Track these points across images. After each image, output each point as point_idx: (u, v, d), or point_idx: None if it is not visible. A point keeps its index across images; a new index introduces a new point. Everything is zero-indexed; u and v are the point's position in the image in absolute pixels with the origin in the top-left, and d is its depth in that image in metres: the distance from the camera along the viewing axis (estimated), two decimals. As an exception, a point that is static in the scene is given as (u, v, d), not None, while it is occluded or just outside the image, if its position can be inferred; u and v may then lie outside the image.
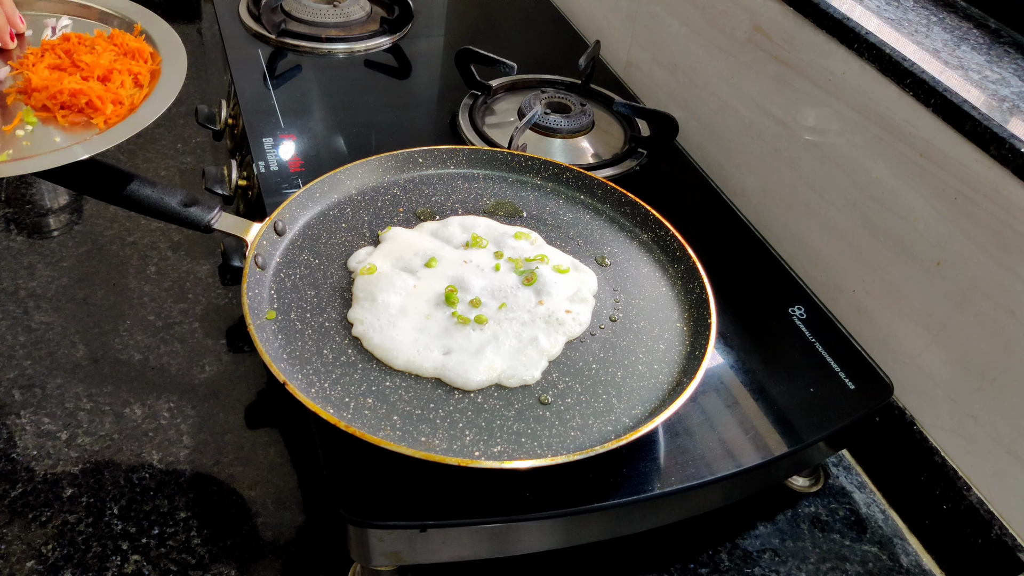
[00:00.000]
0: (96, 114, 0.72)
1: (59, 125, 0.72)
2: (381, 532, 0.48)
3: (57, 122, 0.72)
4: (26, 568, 0.53)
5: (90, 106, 0.72)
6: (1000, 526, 0.60)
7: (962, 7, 0.76)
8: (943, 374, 0.65)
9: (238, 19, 1.01)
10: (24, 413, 0.61)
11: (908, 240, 0.67)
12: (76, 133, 0.70)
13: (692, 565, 0.60)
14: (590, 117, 0.89)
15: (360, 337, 0.57)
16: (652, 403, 0.56)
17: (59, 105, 0.73)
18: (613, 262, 0.68)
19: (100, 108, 0.72)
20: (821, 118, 0.76)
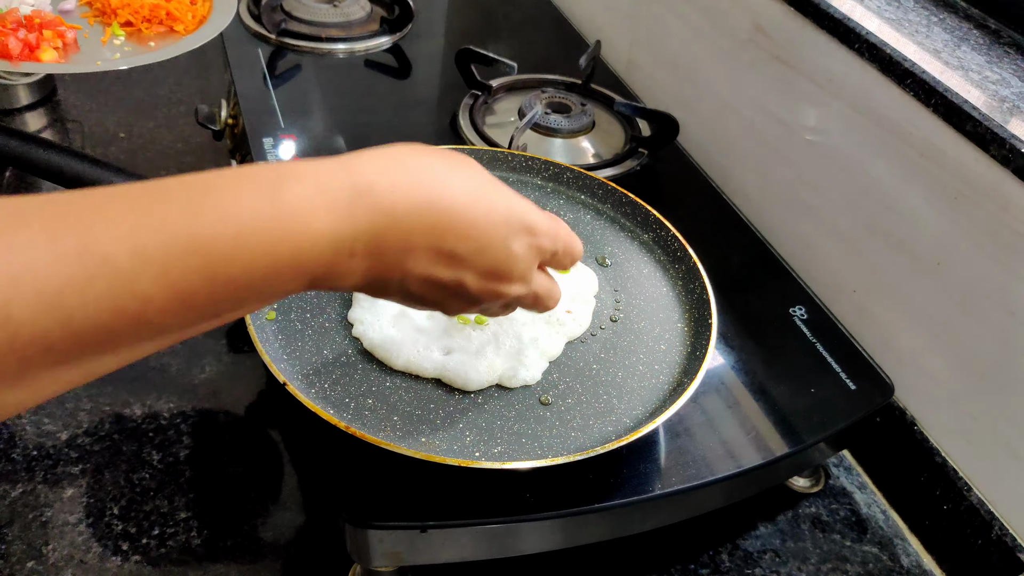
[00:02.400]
0: (177, 23, 0.92)
1: (144, 36, 0.91)
2: (381, 532, 0.48)
3: (142, 33, 0.92)
4: (26, 568, 0.53)
5: (170, 16, 0.92)
6: (1001, 526, 0.60)
7: (962, 8, 0.76)
8: (943, 374, 0.65)
9: (238, 19, 1.01)
10: (24, 413, 0.61)
11: (908, 240, 0.67)
12: (163, 39, 0.91)
13: (693, 566, 0.60)
14: (590, 117, 0.89)
15: (360, 337, 0.57)
16: (653, 403, 0.56)
17: (142, 19, 0.92)
18: (613, 262, 0.68)
19: (180, 17, 0.92)
20: (822, 118, 0.76)
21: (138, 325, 0.29)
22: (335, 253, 0.34)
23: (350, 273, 0.36)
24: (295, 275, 0.33)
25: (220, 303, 0.32)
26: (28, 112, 0.92)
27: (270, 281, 0.33)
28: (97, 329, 0.28)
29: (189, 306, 0.30)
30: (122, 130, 0.92)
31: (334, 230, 0.34)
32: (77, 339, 0.28)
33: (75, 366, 0.29)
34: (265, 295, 0.34)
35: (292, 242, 0.32)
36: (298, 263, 0.33)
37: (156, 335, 0.31)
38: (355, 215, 0.34)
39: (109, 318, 0.28)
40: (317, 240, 0.33)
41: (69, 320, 0.27)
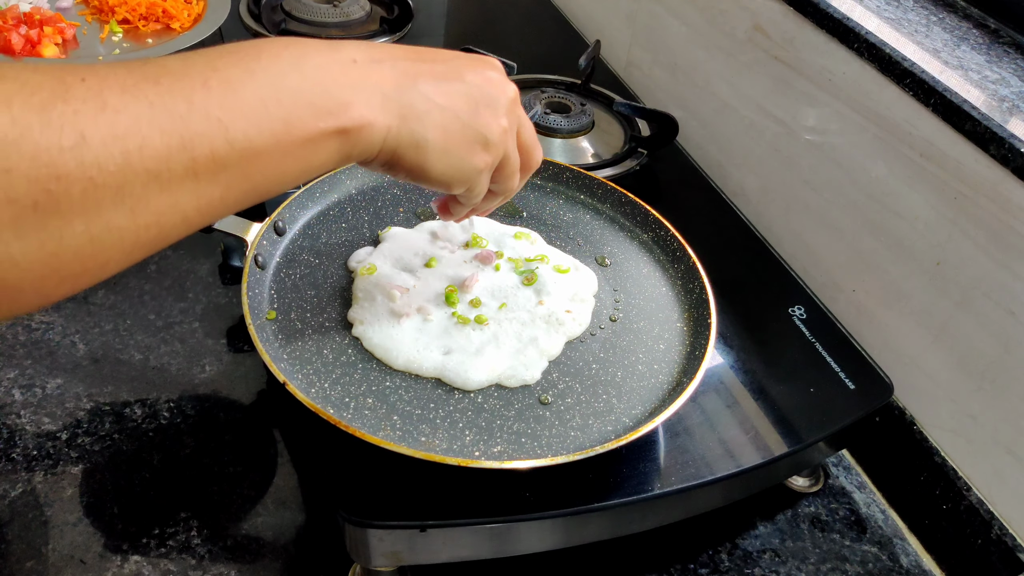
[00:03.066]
0: (173, 20, 0.94)
1: (142, 33, 0.93)
2: (381, 532, 0.48)
3: (139, 31, 0.93)
4: (26, 568, 0.53)
5: (166, 14, 0.94)
6: (1000, 526, 0.60)
7: (962, 7, 0.76)
8: (943, 374, 0.65)
9: (238, 19, 1.01)
10: (24, 413, 0.61)
11: (908, 240, 0.67)
12: (160, 36, 0.93)
13: (692, 565, 0.60)
14: (590, 117, 0.89)
15: (360, 337, 0.57)
16: (652, 403, 0.56)
17: (139, 16, 0.93)
18: (613, 262, 0.68)
19: (176, 15, 0.94)
20: (821, 118, 0.76)
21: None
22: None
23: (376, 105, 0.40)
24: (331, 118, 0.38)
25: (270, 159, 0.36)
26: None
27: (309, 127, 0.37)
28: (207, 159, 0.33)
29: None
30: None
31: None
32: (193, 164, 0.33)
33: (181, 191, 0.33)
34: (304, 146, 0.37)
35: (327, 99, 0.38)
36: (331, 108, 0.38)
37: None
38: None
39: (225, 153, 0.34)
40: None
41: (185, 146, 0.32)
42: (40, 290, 0.31)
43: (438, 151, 0.43)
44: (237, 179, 0.35)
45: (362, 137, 0.39)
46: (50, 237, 0.30)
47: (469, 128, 0.44)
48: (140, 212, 0.32)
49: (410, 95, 0.41)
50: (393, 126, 0.40)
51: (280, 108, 0.36)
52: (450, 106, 0.43)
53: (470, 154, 0.44)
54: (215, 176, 0.34)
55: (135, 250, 0.33)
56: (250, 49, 0.37)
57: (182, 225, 0.34)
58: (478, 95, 0.44)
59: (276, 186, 0.37)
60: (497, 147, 0.46)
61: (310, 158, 0.38)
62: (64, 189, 0.29)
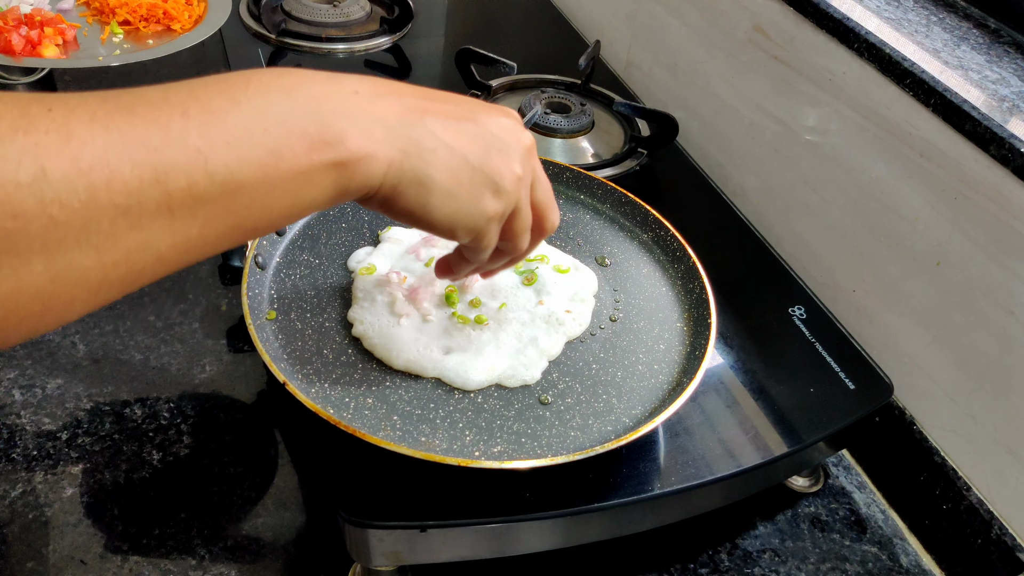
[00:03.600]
0: (174, 21, 0.94)
1: (142, 34, 0.94)
2: (381, 532, 0.48)
3: (140, 32, 0.94)
4: (26, 568, 0.53)
5: (167, 15, 0.94)
6: (1000, 526, 0.60)
7: (962, 7, 0.76)
8: (943, 374, 0.65)
9: (238, 19, 1.01)
10: (24, 413, 0.61)
11: (908, 240, 0.67)
12: (160, 37, 0.93)
13: (692, 565, 0.60)
14: (590, 117, 0.89)
15: (360, 337, 0.57)
16: (652, 403, 0.56)
17: (140, 17, 0.94)
18: (613, 262, 0.68)
19: (176, 16, 0.94)
20: (821, 118, 0.76)
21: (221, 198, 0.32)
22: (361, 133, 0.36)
23: (377, 144, 0.37)
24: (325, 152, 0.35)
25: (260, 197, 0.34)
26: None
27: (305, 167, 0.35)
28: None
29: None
30: (122, 130, 0.92)
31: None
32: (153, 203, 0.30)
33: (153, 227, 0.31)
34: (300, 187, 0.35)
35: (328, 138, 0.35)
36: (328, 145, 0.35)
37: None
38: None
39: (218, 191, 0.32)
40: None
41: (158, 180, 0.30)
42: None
43: (443, 192, 0.39)
44: (218, 215, 0.32)
45: (360, 170, 0.36)
46: (5, 277, 0.28)
47: (479, 171, 0.40)
48: (107, 250, 0.29)
49: (416, 130, 0.38)
50: (395, 160, 0.37)
51: (267, 138, 0.33)
52: (459, 146, 0.40)
53: (478, 199, 0.41)
54: (192, 212, 0.31)
55: (103, 289, 0.31)
56: (237, 78, 0.34)
57: (156, 264, 0.32)
58: (490, 139, 0.41)
59: (263, 223, 0.35)
60: (509, 195, 0.42)
61: (301, 193, 0.35)
62: (21, 227, 0.27)
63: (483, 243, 0.44)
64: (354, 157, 0.36)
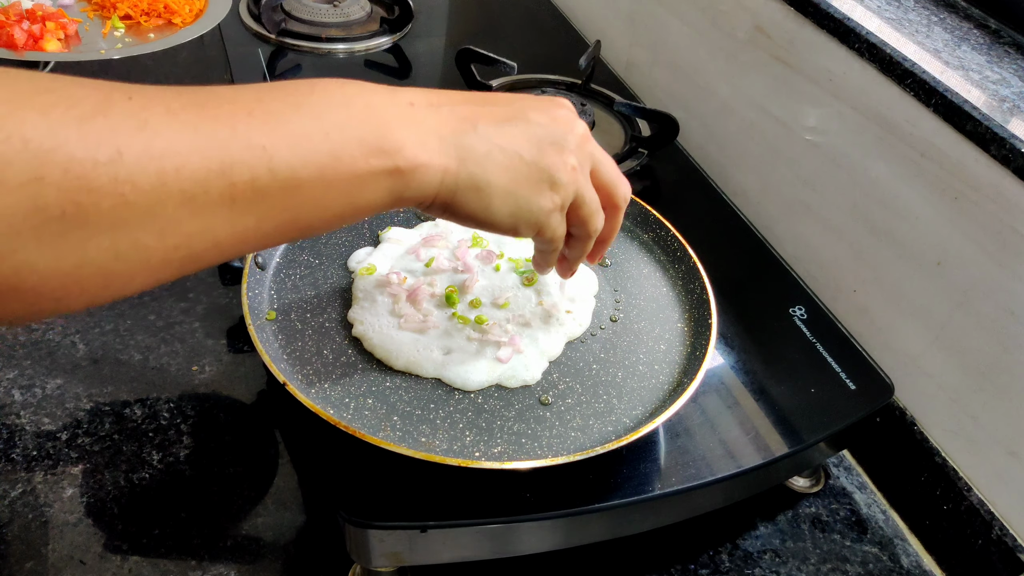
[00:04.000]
0: (174, 15, 0.94)
1: (143, 28, 0.94)
2: (381, 533, 0.48)
3: (141, 26, 0.94)
4: (26, 568, 0.53)
5: (167, 9, 0.94)
6: (1001, 527, 0.60)
7: (962, 7, 0.76)
8: (944, 374, 0.65)
9: (238, 19, 1.01)
10: (24, 413, 0.61)
11: (908, 240, 0.67)
12: (161, 31, 0.94)
13: (692, 566, 0.60)
14: (590, 117, 0.89)
15: (360, 337, 0.57)
16: (652, 403, 0.56)
17: (141, 12, 0.94)
18: (613, 262, 0.68)
19: (177, 10, 0.94)
20: (821, 118, 0.76)
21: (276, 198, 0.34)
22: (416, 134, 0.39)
23: (431, 145, 0.39)
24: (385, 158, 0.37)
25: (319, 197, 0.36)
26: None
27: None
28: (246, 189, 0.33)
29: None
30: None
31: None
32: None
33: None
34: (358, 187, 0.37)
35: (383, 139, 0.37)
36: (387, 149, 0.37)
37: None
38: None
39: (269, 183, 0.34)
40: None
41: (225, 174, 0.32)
42: (59, 300, 0.31)
43: (501, 193, 0.41)
44: (276, 210, 0.34)
45: (415, 178, 0.38)
46: (73, 249, 0.30)
47: (534, 168, 0.42)
48: (170, 233, 0.31)
49: (469, 138, 0.40)
50: (451, 168, 0.39)
51: (327, 142, 0.35)
52: (512, 147, 0.41)
53: (536, 195, 0.43)
54: (253, 205, 0.33)
55: (162, 270, 0.33)
56: (301, 86, 0.36)
57: (214, 250, 0.34)
58: (542, 134, 0.43)
59: (319, 222, 0.37)
60: (566, 187, 0.44)
61: (357, 195, 0.37)
62: (94, 202, 0.29)
63: (547, 235, 0.45)
64: (410, 165, 0.38)
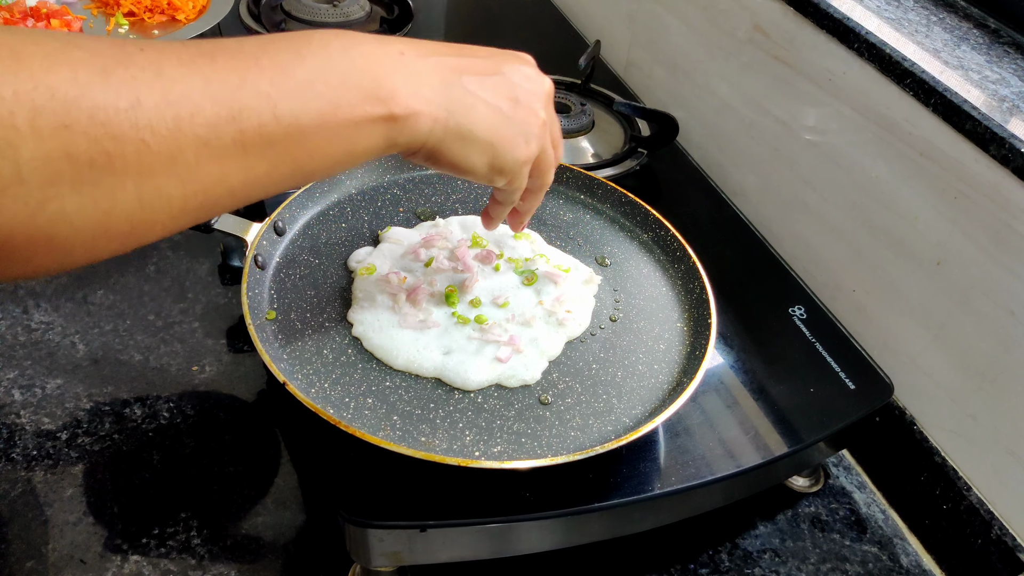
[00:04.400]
0: (178, 12, 0.95)
1: (147, 25, 0.94)
2: (381, 532, 0.48)
3: (145, 23, 0.94)
4: (26, 568, 0.53)
5: (171, 6, 0.94)
6: (1000, 526, 0.60)
7: (962, 7, 0.76)
8: (943, 374, 0.65)
9: (238, 18, 1.01)
10: (24, 413, 0.61)
11: (908, 240, 0.67)
12: (165, 28, 0.94)
13: (692, 565, 0.60)
14: (590, 117, 0.89)
15: (360, 337, 0.57)
16: (652, 403, 0.56)
17: (144, 8, 0.94)
18: (613, 262, 0.68)
19: (181, 6, 0.95)
20: (821, 118, 0.76)
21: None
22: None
23: (421, 99, 0.41)
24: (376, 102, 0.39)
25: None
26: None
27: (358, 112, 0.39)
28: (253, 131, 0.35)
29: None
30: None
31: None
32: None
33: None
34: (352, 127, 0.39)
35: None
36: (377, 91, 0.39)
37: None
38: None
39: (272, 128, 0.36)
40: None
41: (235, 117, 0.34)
42: (91, 248, 0.33)
43: (483, 144, 0.44)
44: (283, 156, 0.36)
45: (408, 125, 0.40)
46: (104, 196, 0.31)
47: (512, 122, 0.45)
48: (189, 179, 0.34)
49: (456, 90, 0.43)
50: (440, 118, 0.42)
51: (328, 89, 0.37)
52: (494, 101, 0.44)
53: (514, 147, 0.46)
54: (262, 151, 0.35)
55: (182, 216, 0.35)
56: (301, 36, 0.39)
57: (228, 197, 0.36)
58: (518, 91, 0.46)
59: (321, 168, 0.39)
60: (539, 140, 0.47)
61: (355, 141, 0.39)
62: (119, 150, 0.31)
63: (515, 184, 0.49)
64: (404, 113, 0.40)
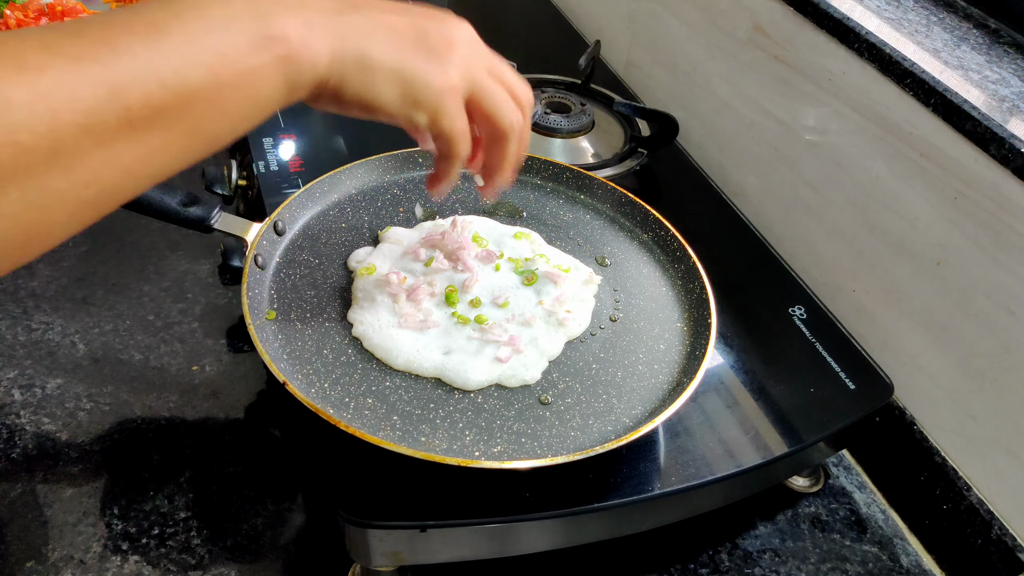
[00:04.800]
0: None
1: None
2: (381, 532, 0.48)
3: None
4: (26, 568, 0.53)
5: None
6: (1000, 526, 0.60)
7: (962, 7, 0.76)
8: (943, 374, 0.65)
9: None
10: (24, 413, 0.61)
11: (908, 240, 0.67)
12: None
13: (692, 565, 0.60)
14: (590, 117, 0.89)
15: (360, 337, 0.57)
16: (652, 403, 0.56)
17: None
18: (613, 262, 0.68)
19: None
20: (821, 118, 0.76)
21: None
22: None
23: (315, 39, 0.38)
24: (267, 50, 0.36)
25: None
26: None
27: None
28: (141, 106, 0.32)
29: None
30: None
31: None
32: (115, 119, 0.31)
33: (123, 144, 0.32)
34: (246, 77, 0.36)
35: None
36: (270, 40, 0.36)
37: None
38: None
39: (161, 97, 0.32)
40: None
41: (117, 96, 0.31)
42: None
43: (388, 71, 0.40)
44: (177, 123, 0.33)
45: (304, 61, 0.37)
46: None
47: (420, 45, 0.41)
48: (75, 169, 0.31)
49: (352, 16, 0.39)
50: (336, 48, 0.38)
51: (211, 39, 0.34)
52: (397, 25, 0.41)
53: (425, 72, 0.41)
54: (151, 122, 0.32)
55: (79, 211, 0.32)
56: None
57: (126, 178, 0.33)
58: (426, 21, 0.42)
59: (224, 129, 0.36)
60: (458, 68, 0.42)
61: (253, 91, 0.36)
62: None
63: (445, 123, 0.43)
64: (297, 50, 0.37)
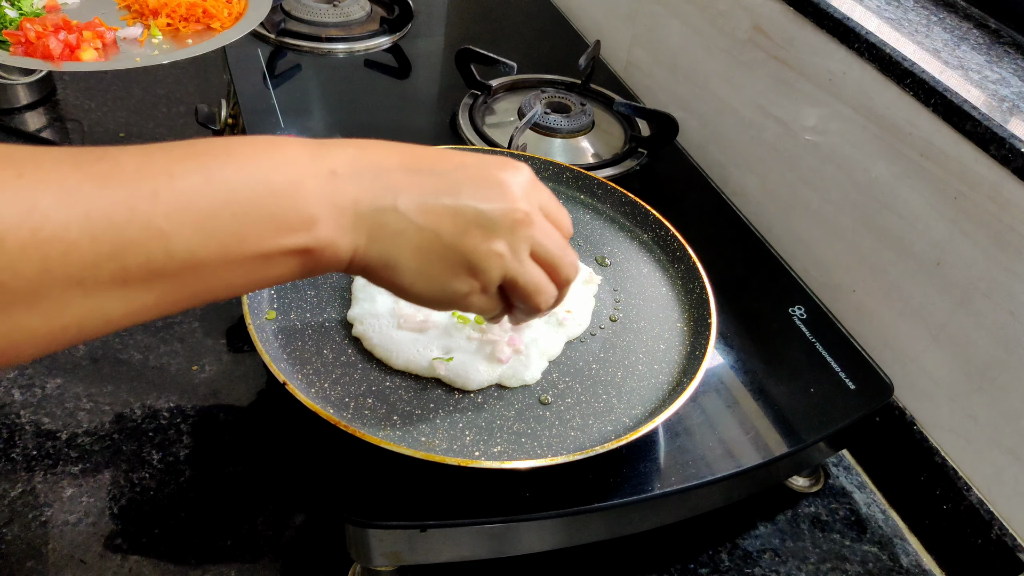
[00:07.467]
0: (213, 20, 0.94)
1: (182, 34, 0.93)
2: (381, 532, 0.48)
3: (179, 32, 0.93)
4: (26, 568, 0.53)
5: (206, 14, 0.94)
6: (1000, 526, 0.60)
7: (962, 7, 0.76)
8: (943, 374, 0.65)
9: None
10: (24, 413, 0.61)
11: (908, 240, 0.67)
12: (200, 36, 0.93)
13: (692, 565, 0.60)
14: (590, 117, 0.89)
15: (360, 337, 0.57)
16: (652, 403, 0.56)
17: (180, 17, 0.93)
18: (613, 262, 0.68)
19: (216, 14, 0.94)
20: (821, 118, 0.76)
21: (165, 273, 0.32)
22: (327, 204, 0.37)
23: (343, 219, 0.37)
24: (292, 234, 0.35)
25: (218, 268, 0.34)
26: (28, 112, 0.92)
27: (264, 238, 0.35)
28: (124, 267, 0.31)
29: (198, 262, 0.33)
30: (122, 130, 0.92)
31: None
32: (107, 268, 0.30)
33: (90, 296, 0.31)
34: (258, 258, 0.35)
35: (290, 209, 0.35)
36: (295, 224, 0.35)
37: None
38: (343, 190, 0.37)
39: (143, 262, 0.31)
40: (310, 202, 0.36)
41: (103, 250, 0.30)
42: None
43: (412, 272, 0.40)
44: (173, 287, 0.33)
45: (325, 256, 0.37)
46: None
47: (451, 251, 0.40)
48: (56, 315, 0.30)
49: (386, 214, 0.38)
50: (361, 246, 0.38)
51: (233, 221, 0.33)
52: (431, 226, 0.39)
53: (450, 278, 0.41)
54: (148, 284, 0.32)
55: (51, 345, 0.31)
56: (219, 150, 0.34)
57: (106, 327, 0.32)
58: (471, 215, 0.40)
59: (221, 294, 0.35)
60: (487, 272, 0.41)
61: (262, 272, 0.35)
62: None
63: (472, 311, 0.44)
64: (319, 246, 0.36)
